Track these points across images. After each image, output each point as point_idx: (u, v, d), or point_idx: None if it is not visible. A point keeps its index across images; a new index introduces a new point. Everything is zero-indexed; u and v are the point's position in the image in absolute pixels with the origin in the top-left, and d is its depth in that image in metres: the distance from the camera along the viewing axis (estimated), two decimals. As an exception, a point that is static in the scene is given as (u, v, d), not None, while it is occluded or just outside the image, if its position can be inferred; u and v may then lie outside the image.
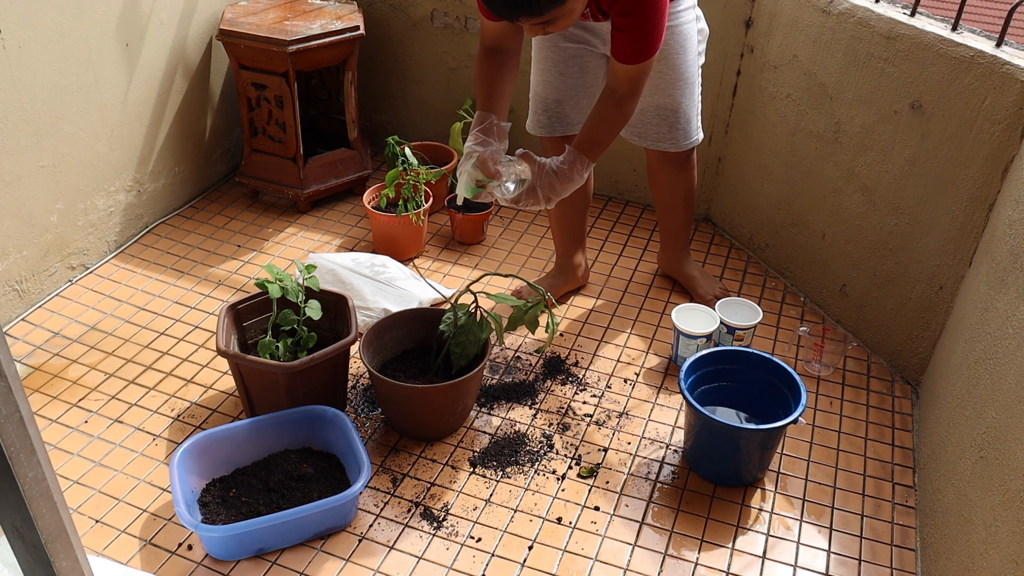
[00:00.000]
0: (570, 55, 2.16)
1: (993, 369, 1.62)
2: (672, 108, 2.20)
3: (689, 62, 2.15)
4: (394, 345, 2.15)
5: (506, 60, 2.01)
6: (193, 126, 2.90)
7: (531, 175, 1.93)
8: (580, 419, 2.14)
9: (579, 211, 2.46)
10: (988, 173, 1.93)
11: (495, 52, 2.00)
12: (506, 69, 2.01)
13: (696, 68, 2.19)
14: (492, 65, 2.00)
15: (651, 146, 2.28)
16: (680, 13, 2.08)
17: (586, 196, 2.44)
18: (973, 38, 1.97)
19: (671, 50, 2.10)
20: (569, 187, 1.94)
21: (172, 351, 2.31)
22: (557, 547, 1.82)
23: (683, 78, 2.16)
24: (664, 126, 2.23)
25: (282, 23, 2.70)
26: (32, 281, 2.41)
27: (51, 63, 2.29)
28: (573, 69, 2.18)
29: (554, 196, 1.94)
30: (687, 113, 2.22)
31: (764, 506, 1.93)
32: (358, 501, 1.87)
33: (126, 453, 2.00)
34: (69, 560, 0.97)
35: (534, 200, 1.94)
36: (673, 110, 2.20)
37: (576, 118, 2.24)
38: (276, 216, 2.91)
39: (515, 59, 2.04)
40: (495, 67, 2.00)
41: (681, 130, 2.24)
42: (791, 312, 2.54)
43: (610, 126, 1.96)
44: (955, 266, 2.06)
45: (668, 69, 2.13)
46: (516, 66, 2.04)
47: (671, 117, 2.21)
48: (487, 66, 2.00)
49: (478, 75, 2.02)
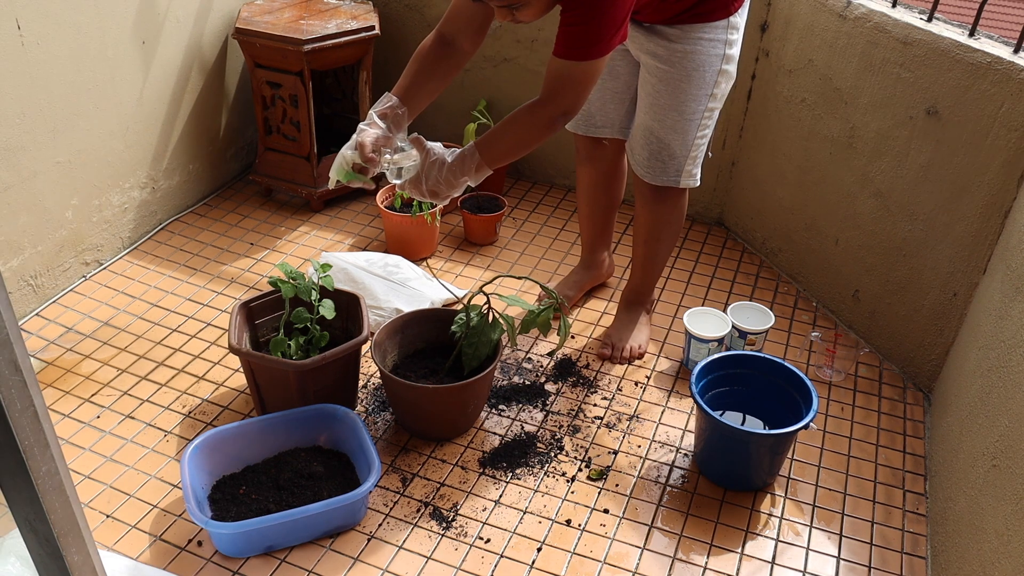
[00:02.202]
0: None
1: (1007, 377, 1.61)
2: (658, 137, 2.01)
3: (693, 95, 1.93)
4: (406, 345, 2.15)
5: (451, 55, 1.85)
6: (208, 124, 2.91)
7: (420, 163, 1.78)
8: (590, 421, 2.13)
9: (608, 208, 2.45)
10: (1004, 180, 1.92)
11: (445, 42, 1.85)
12: (445, 64, 1.85)
13: (700, 108, 1.96)
14: (433, 54, 1.84)
15: (631, 164, 2.14)
16: (702, 40, 1.88)
17: (616, 194, 2.42)
18: (990, 44, 1.96)
19: (677, 74, 1.92)
20: (454, 183, 1.78)
21: (184, 348, 2.32)
22: (566, 549, 1.82)
23: (679, 109, 1.95)
24: (645, 151, 2.05)
25: (297, 22, 2.71)
26: (46, 276, 2.43)
27: (68, 60, 2.30)
28: (604, 73, 1.99)
29: (439, 190, 1.79)
30: (671, 148, 2.01)
31: (774, 511, 1.93)
32: (368, 500, 1.87)
33: (137, 449, 2.01)
34: (81, 554, 0.98)
35: (417, 191, 1.79)
36: (658, 138, 2.01)
37: (601, 120, 2.20)
38: (289, 215, 2.92)
39: (460, 60, 1.87)
40: (434, 57, 1.84)
41: (660, 164, 2.04)
42: (803, 317, 2.53)
43: (514, 128, 1.77)
44: (969, 273, 2.05)
45: (667, 93, 1.95)
46: (457, 68, 1.89)
47: (654, 145, 2.02)
48: (427, 52, 1.84)
49: (413, 57, 1.85)
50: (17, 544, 1.56)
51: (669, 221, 2.19)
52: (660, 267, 2.31)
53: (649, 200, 2.16)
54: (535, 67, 2.96)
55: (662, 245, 2.24)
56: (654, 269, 2.30)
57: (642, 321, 2.38)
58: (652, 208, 2.17)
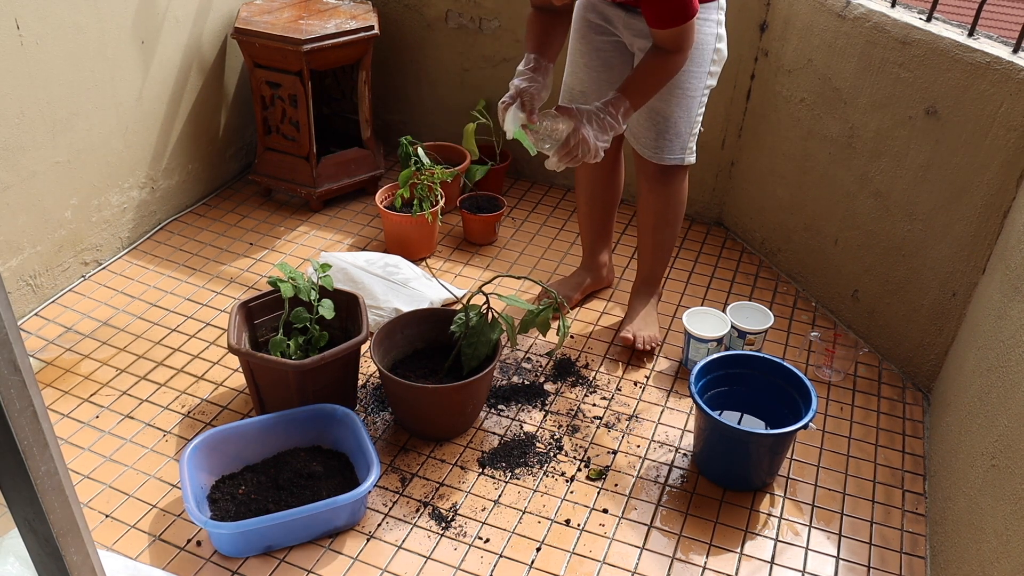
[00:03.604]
0: (596, 48, 2.16)
1: (1006, 377, 1.61)
2: (663, 115, 2.11)
3: (693, 72, 2.07)
4: (405, 345, 2.15)
5: (556, 17, 2.05)
6: (207, 124, 2.91)
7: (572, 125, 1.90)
8: (589, 421, 2.13)
9: (607, 209, 2.46)
10: (1003, 180, 1.92)
11: (545, 10, 2.04)
12: (558, 23, 2.05)
13: (700, 84, 2.10)
14: (544, 19, 2.04)
15: (637, 149, 2.21)
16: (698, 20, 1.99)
17: (615, 190, 2.44)
18: (990, 44, 1.96)
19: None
20: (613, 128, 1.92)
21: (184, 348, 2.32)
22: (565, 549, 1.82)
23: (682, 88, 2.08)
24: (652, 131, 2.15)
25: (297, 22, 2.71)
26: (46, 276, 2.43)
27: (67, 59, 2.30)
28: (597, 62, 2.17)
29: (600, 142, 1.92)
30: (677, 126, 2.13)
31: (773, 511, 1.93)
32: (367, 500, 1.88)
33: (137, 449, 2.01)
34: (80, 554, 0.97)
35: (568, 156, 1.91)
36: (664, 117, 2.12)
37: None
38: (288, 214, 2.92)
39: (566, 19, 2.08)
40: (547, 20, 2.04)
41: (667, 142, 2.15)
42: (802, 317, 2.53)
43: (654, 72, 1.96)
44: (968, 273, 2.05)
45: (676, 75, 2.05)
46: (568, 24, 2.09)
47: (660, 123, 2.13)
48: (539, 19, 2.04)
49: (529, 25, 2.05)
50: (16, 544, 1.56)
51: (676, 203, 2.29)
52: (669, 252, 2.40)
53: (656, 183, 2.24)
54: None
55: (670, 229, 2.33)
56: (664, 255, 2.39)
57: (654, 308, 2.44)
58: (659, 192, 2.26)
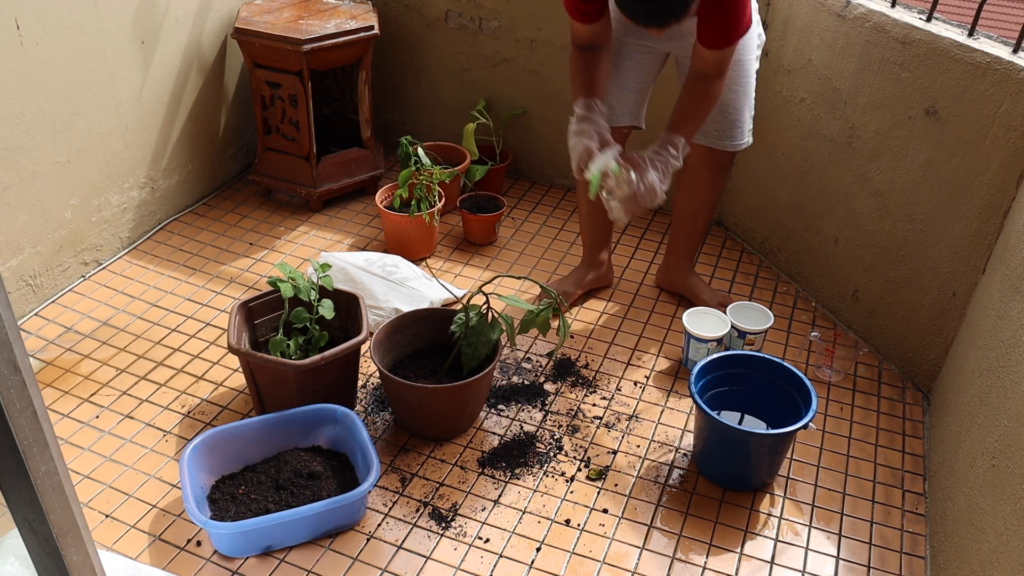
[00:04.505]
0: (628, 49, 2.19)
1: (1006, 377, 1.61)
2: (735, 105, 2.23)
3: (748, 58, 2.19)
4: (405, 345, 2.15)
5: (601, 53, 2.11)
6: (207, 124, 2.91)
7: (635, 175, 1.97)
8: (589, 421, 2.13)
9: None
10: (1003, 180, 1.92)
11: (590, 48, 2.10)
12: (602, 60, 2.11)
13: (753, 69, 2.22)
14: (589, 58, 2.10)
15: (709, 143, 2.29)
16: None
17: None
18: (990, 44, 1.96)
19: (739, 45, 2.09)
20: (674, 168, 2.02)
21: (183, 348, 2.32)
22: (565, 549, 1.82)
23: (746, 74, 2.20)
24: (725, 122, 2.25)
25: (297, 22, 2.71)
26: (46, 276, 2.43)
27: (67, 59, 2.30)
28: (629, 63, 2.21)
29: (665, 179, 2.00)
30: (742, 112, 2.25)
31: (773, 511, 1.93)
32: (367, 500, 1.87)
33: (136, 449, 2.01)
34: (80, 554, 0.97)
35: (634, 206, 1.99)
36: (735, 107, 2.23)
37: (621, 110, 2.25)
38: (288, 214, 2.92)
39: (608, 52, 2.14)
40: (592, 59, 2.09)
41: (739, 128, 2.27)
42: (802, 317, 2.53)
43: (701, 104, 2.05)
44: (968, 273, 2.05)
45: (734, 65, 2.13)
46: (610, 58, 2.15)
47: (733, 114, 2.24)
48: (585, 59, 2.10)
49: (575, 67, 2.11)
50: (16, 544, 1.56)
51: (723, 186, 2.45)
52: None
53: (716, 172, 2.36)
54: (534, 67, 2.96)
55: (715, 207, 2.50)
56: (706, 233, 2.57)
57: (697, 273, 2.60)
58: (717, 176, 2.38)
